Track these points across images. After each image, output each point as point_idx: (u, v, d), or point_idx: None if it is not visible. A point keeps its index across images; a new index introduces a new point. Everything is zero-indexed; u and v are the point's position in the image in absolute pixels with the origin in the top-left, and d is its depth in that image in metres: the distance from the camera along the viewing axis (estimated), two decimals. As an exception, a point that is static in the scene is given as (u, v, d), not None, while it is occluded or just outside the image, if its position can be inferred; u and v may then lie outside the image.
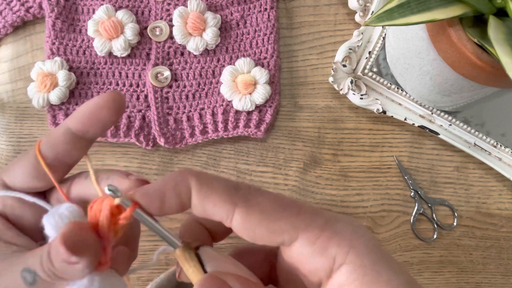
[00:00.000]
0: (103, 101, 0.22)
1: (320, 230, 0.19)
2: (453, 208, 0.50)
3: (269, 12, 0.49)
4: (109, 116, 0.22)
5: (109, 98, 0.22)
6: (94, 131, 0.22)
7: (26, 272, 0.20)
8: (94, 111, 0.22)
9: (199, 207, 0.20)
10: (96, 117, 0.22)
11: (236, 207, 0.19)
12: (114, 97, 0.22)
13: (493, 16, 0.32)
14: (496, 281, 0.50)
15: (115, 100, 0.22)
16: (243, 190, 0.20)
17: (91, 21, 0.48)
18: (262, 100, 0.47)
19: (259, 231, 0.19)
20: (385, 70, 0.49)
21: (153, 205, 0.20)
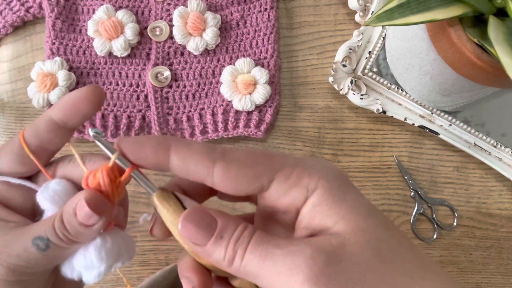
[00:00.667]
0: (83, 94, 0.24)
1: (292, 167, 0.21)
2: (453, 208, 0.50)
3: (269, 12, 0.49)
4: (88, 108, 0.24)
5: (89, 91, 0.24)
6: (74, 121, 0.24)
7: (38, 240, 0.22)
8: (74, 103, 0.24)
9: (181, 167, 0.21)
10: (77, 108, 0.24)
11: (215, 163, 0.21)
12: (93, 91, 0.24)
13: (493, 16, 0.32)
14: (496, 281, 0.50)
15: (94, 93, 0.24)
16: (220, 149, 0.22)
17: (91, 21, 0.48)
18: (262, 100, 0.47)
19: (240, 180, 0.21)
20: (385, 70, 0.49)
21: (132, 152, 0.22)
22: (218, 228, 0.21)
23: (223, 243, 0.21)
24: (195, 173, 0.21)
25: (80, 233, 0.22)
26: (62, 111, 0.24)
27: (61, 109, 0.24)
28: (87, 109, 0.24)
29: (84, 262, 0.23)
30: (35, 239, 0.22)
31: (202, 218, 0.21)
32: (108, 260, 0.23)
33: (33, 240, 0.22)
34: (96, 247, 0.23)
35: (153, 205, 0.23)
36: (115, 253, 0.23)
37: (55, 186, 0.24)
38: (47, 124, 0.24)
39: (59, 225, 0.22)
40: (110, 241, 0.23)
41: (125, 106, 0.49)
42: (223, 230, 0.21)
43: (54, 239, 0.22)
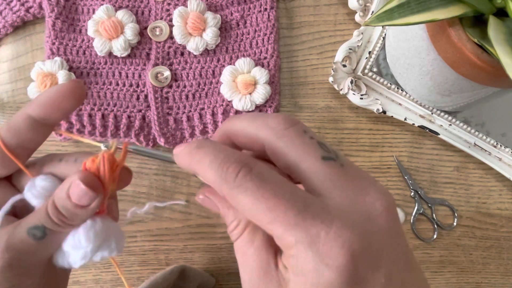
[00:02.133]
0: (64, 89, 0.23)
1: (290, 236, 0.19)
2: (453, 208, 0.50)
3: (269, 12, 0.49)
4: (70, 104, 0.24)
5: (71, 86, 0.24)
6: (55, 117, 0.24)
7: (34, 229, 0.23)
8: (56, 99, 0.23)
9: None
10: (58, 104, 0.24)
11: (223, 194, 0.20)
12: (75, 85, 0.24)
13: (493, 16, 0.32)
14: (496, 281, 0.50)
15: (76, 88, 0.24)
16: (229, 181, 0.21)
17: (91, 21, 0.48)
18: (262, 100, 0.47)
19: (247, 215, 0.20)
20: (385, 70, 0.49)
21: None
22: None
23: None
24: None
25: (75, 215, 0.23)
26: (42, 108, 0.23)
27: (41, 105, 0.23)
28: (69, 105, 0.24)
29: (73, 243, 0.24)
30: (30, 229, 0.23)
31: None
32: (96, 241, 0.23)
33: (28, 230, 0.23)
34: (85, 228, 0.23)
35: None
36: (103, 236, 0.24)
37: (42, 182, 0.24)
38: (26, 122, 0.24)
39: (53, 211, 0.23)
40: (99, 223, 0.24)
41: (125, 106, 0.49)
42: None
43: (50, 225, 0.23)
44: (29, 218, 0.24)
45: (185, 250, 0.50)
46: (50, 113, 0.24)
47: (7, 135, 0.24)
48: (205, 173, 0.20)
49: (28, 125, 0.24)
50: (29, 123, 0.24)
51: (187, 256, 0.50)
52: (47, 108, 0.23)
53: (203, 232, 0.50)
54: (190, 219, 0.49)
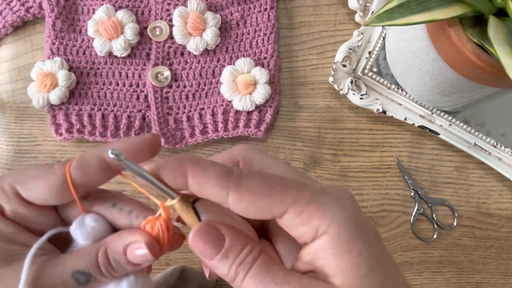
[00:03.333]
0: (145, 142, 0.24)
1: (305, 204, 0.21)
2: (453, 208, 0.50)
3: (269, 12, 0.49)
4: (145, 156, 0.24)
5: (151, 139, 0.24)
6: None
7: (79, 274, 0.23)
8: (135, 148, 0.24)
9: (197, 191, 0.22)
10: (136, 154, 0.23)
11: (229, 191, 0.21)
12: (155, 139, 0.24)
13: (493, 16, 0.32)
14: (496, 281, 0.50)
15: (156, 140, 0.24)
16: (235, 175, 0.22)
17: (91, 21, 0.48)
18: (262, 100, 0.47)
19: (252, 210, 0.21)
20: (385, 70, 0.49)
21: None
22: (225, 247, 0.22)
23: (227, 262, 0.22)
24: (210, 198, 0.22)
25: (123, 269, 0.23)
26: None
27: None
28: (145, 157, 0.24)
29: None
30: (76, 273, 0.22)
31: (211, 235, 0.22)
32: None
33: (73, 274, 0.22)
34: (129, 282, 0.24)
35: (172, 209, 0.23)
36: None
37: (93, 223, 0.24)
38: (99, 164, 0.23)
39: (104, 261, 0.23)
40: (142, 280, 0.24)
41: (125, 106, 0.49)
42: (229, 250, 0.22)
43: (95, 273, 0.23)
44: (75, 259, 0.23)
45: (185, 250, 0.50)
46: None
47: (76, 173, 0.23)
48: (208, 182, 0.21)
49: (100, 167, 0.23)
50: (102, 165, 0.23)
51: (187, 256, 0.50)
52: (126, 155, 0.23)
53: (203, 232, 0.50)
54: (190, 219, 0.49)
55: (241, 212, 0.22)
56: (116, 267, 0.23)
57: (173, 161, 0.22)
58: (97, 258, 0.23)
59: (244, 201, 0.21)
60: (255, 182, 0.22)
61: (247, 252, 0.22)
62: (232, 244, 0.22)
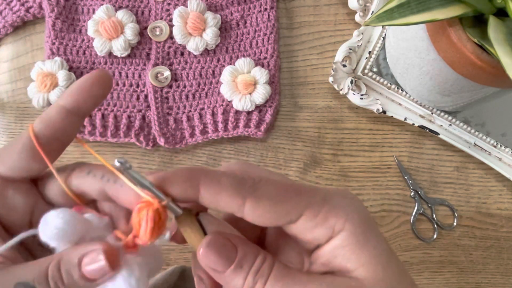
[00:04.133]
0: (93, 77, 0.24)
1: (320, 205, 0.21)
2: (453, 208, 0.50)
3: (269, 12, 0.49)
4: (100, 90, 0.24)
5: (99, 74, 0.24)
6: (87, 106, 0.24)
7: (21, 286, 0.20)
8: (86, 87, 0.24)
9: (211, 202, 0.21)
10: (89, 92, 0.24)
11: (245, 200, 0.21)
12: (103, 73, 0.24)
13: (493, 16, 0.32)
14: (496, 281, 0.50)
15: (104, 75, 0.24)
16: (249, 182, 0.21)
17: (91, 21, 0.48)
18: (262, 100, 0.47)
19: (269, 216, 0.21)
20: (385, 70, 0.49)
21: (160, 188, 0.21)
22: (238, 257, 0.21)
23: (242, 273, 0.21)
24: (225, 208, 0.21)
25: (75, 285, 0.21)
26: (74, 96, 0.24)
27: (72, 94, 0.24)
28: (99, 91, 0.24)
29: None
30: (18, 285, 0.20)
31: (223, 246, 0.21)
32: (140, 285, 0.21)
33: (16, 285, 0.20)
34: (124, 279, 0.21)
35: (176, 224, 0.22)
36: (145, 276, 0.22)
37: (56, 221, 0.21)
38: (59, 112, 0.24)
39: (54, 274, 0.20)
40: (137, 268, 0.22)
41: (125, 106, 0.49)
42: (243, 260, 0.21)
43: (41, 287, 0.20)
44: (23, 270, 0.21)
45: (185, 250, 0.50)
46: (82, 101, 0.24)
47: (40, 127, 0.23)
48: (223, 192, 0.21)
49: (61, 115, 0.24)
50: (62, 113, 0.24)
51: (187, 256, 0.50)
52: (79, 96, 0.24)
53: (203, 232, 0.50)
54: (190, 219, 0.49)
55: (257, 219, 0.21)
56: (67, 281, 0.21)
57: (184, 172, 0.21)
58: (46, 270, 0.21)
59: (261, 208, 0.21)
60: (270, 188, 0.21)
61: (261, 260, 0.21)
62: (245, 254, 0.21)
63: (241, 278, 0.21)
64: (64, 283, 0.21)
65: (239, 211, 0.21)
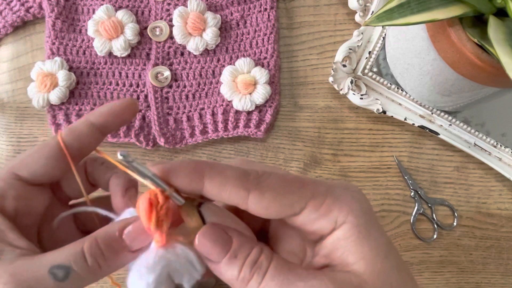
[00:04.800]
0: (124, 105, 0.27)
1: (323, 197, 0.22)
2: (453, 208, 0.50)
3: (269, 12, 0.49)
4: (128, 116, 0.27)
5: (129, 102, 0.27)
6: (114, 127, 0.27)
7: (57, 269, 0.21)
8: (117, 112, 0.27)
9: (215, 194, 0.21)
10: (118, 116, 0.27)
11: (249, 192, 0.21)
12: (133, 102, 0.27)
13: (493, 16, 0.32)
14: (496, 281, 0.50)
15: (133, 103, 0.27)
16: (253, 175, 0.22)
17: (91, 21, 0.48)
18: (262, 100, 0.47)
19: (273, 208, 0.21)
20: (385, 70, 0.49)
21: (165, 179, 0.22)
22: (233, 247, 0.21)
23: (237, 263, 0.21)
24: (229, 200, 0.22)
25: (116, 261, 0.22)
26: (105, 117, 0.26)
27: (104, 115, 0.26)
28: (127, 117, 0.27)
29: None
30: (53, 268, 0.21)
31: (219, 235, 0.22)
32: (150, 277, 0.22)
33: (51, 269, 0.21)
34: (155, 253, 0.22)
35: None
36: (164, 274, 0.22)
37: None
38: (88, 128, 0.26)
39: (93, 251, 0.21)
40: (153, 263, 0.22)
41: (125, 106, 0.49)
42: (238, 250, 0.21)
43: (79, 267, 0.21)
44: (54, 254, 0.22)
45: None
46: (111, 123, 0.27)
47: (68, 138, 0.25)
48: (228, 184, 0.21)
49: (90, 131, 0.26)
50: (91, 129, 0.26)
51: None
52: (109, 118, 0.26)
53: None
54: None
55: (261, 211, 0.22)
56: (107, 254, 0.21)
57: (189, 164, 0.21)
58: (81, 250, 0.21)
59: (265, 200, 0.21)
60: (274, 181, 0.22)
61: (257, 252, 0.21)
62: (240, 245, 0.22)
63: (236, 268, 0.21)
64: (105, 257, 0.22)
65: (243, 203, 0.21)
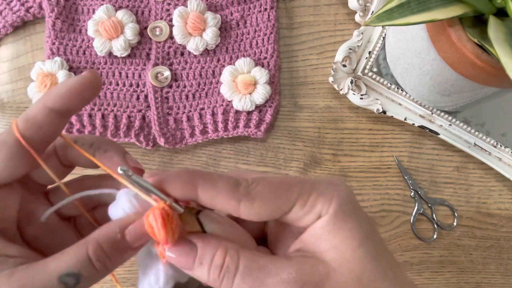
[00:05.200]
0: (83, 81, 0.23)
1: (308, 195, 0.23)
2: (453, 208, 0.50)
3: (269, 12, 0.49)
4: (89, 93, 0.24)
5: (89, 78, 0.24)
6: (76, 108, 0.24)
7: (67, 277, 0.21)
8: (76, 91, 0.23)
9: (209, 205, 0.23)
10: (79, 96, 0.23)
11: (240, 202, 0.22)
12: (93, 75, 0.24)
13: (493, 16, 0.32)
14: (496, 281, 0.50)
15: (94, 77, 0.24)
16: (243, 185, 0.23)
17: (91, 21, 0.48)
18: (262, 100, 0.47)
19: (264, 213, 0.23)
20: (385, 70, 0.49)
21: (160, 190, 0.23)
22: (198, 254, 0.22)
23: (204, 268, 0.22)
24: (222, 209, 0.23)
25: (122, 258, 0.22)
26: (65, 99, 0.23)
27: (62, 97, 0.23)
28: (88, 94, 0.24)
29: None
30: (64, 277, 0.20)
31: (181, 247, 0.22)
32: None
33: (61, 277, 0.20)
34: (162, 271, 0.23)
35: None
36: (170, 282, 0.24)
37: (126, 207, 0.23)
38: (47, 114, 0.23)
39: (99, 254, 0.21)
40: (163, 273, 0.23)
41: (125, 106, 0.49)
42: (202, 257, 0.22)
43: (88, 272, 0.21)
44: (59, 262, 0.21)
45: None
46: (70, 103, 0.23)
47: (28, 131, 0.23)
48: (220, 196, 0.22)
49: (49, 118, 0.23)
50: (50, 115, 0.23)
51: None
52: (69, 100, 0.23)
53: (203, 232, 0.50)
54: (190, 219, 0.50)
55: (253, 217, 0.23)
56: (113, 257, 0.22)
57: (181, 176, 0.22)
58: (88, 256, 0.21)
59: (256, 207, 0.22)
60: (262, 188, 0.23)
61: (220, 254, 0.22)
62: (203, 251, 0.22)
63: (205, 272, 0.22)
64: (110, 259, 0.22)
65: (235, 212, 0.23)
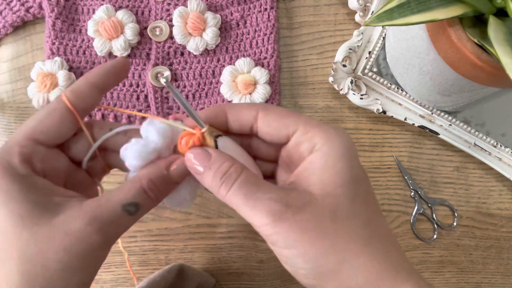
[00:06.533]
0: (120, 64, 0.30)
1: (311, 127, 0.27)
2: (453, 208, 0.50)
3: (269, 12, 0.49)
4: (123, 75, 0.30)
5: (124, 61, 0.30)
6: (112, 86, 0.30)
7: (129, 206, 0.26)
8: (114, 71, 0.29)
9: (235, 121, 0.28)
10: (117, 75, 0.29)
11: (258, 111, 0.28)
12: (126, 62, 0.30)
13: (493, 16, 0.32)
14: (496, 281, 0.50)
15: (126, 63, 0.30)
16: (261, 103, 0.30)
17: (91, 21, 0.48)
18: (262, 100, 0.47)
19: (275, 125, 0.27)
20: (385, 70, 0.49)
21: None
22: (210, 161, 0.26)
23: (211, 172, 0.26)
24: (245, 120, 0.28)
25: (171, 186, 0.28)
26: (102, 77, 0.29)
27: (100, 75, 0.29)
28: (123, 76, 0.30)
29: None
30: (126, 206, 0.26)
31: (200, 152, 0.27)
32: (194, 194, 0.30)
33: (124, 206, 0.26)
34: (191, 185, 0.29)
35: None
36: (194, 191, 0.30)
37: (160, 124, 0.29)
38: (90, 88, 0.28)
39: (151, 186, 0.26)
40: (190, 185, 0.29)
41: (125, 106, 0.49)
42: (212, 163, 0.26)
43: (145, 201, 0.26)
44: (119, 194, 0.26)
45: (185, 250, 0.50)
46: (108, 81, 0.29)
47: (74, 100, 0.28)
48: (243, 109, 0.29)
49: (90, 91, 0.28)
50: (93, 89, 0.28)
51: (187, 256, 0.50)
52: (108, 77, 0.29)
53: (203, 232, 0.50)
54: (190, 219, 0.49)
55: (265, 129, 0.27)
56: (162, 189, 0.27)
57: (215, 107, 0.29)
58: (143, 188, 0.26)
59: (269, 118, 0.27)
60: (276, 108, 0.28)
61: (227, 165, 0.26)
62: (215, 159, 0.26)
63: (210, 176, 0.26)
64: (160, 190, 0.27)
65: (254, 119, 0.28)
